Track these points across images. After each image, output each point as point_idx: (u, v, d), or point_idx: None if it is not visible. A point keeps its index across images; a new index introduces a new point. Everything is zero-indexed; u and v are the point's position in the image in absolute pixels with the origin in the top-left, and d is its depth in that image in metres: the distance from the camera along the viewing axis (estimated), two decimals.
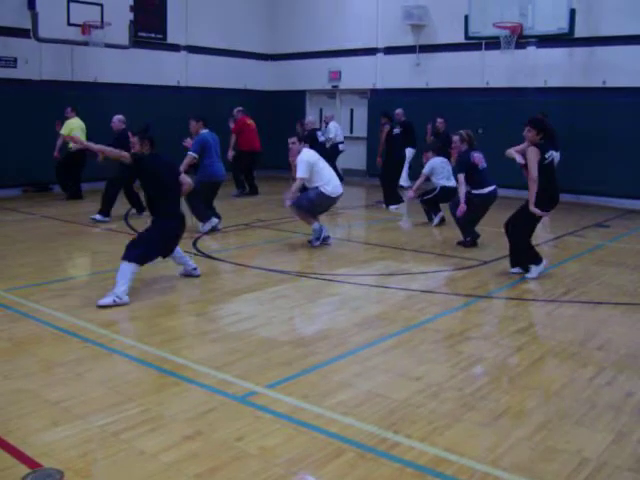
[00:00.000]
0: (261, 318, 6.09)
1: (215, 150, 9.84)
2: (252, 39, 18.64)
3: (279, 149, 14.68)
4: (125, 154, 6.74)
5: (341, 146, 15.98)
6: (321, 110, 18.66)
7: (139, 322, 5.98)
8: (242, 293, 7.01)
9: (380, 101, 16.84)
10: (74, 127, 12.65)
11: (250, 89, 18.57)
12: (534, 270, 7.54)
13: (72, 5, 13.50)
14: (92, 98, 14.70)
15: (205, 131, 9.86)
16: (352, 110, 18.15)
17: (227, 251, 8.19)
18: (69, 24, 13.53)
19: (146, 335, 5.61)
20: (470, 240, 9.10)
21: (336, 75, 17.98)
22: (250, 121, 14.44)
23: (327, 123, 16.02)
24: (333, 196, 8.88)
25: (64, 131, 12.53)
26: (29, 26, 13.30)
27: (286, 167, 12.46)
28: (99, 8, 13.84)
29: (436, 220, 10.78)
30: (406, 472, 3.50)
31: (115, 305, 6.24)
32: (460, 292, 7.08)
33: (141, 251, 6.48)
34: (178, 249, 7.08)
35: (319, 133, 13.82)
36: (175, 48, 17.00)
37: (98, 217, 10.81)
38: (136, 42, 15.10)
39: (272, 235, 8.79)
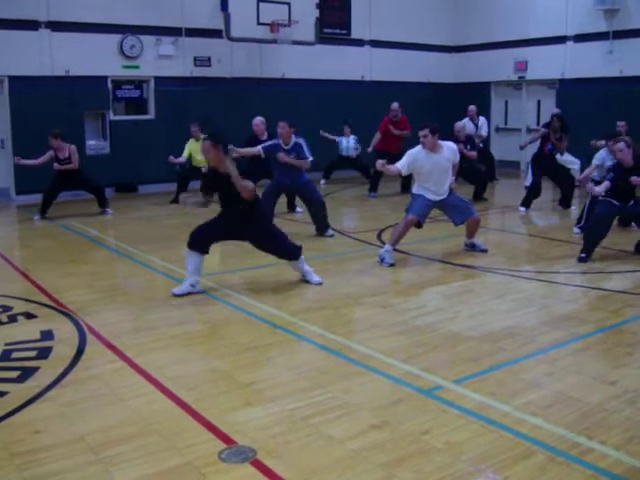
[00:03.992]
0: (447, 312, 6.05)
1: None
2: (435, 31, 18.49)
3: None
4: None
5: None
6: (506, 102, 18.17)
7: (326, 311, 6.12)
8: (427, 286, 7.02)
9: (569, 91, 16.13)
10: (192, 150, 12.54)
11: (434, 82, 18.43)
12: None
13: (262, 5, 14.14)
14: (280, 94, 15.25)
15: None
16: (539, 101, 17.49)
17: (412, 244, 8.18)
18: (259, 23, 14.17)
19: (333, 325, 5.73)
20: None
21: (522, 65, 17.39)
22: (393, 129, 13.42)
23: (474, 118, 14.48)
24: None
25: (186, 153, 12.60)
26: (222, 27, 14.06)
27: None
28: (287, 7, 14.38)
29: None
30: None
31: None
32: None
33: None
34: None
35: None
36: (359, 43, 17.23)
37: None
38: (321, 38, 15.49)
39: (456, 230, 8.67)
